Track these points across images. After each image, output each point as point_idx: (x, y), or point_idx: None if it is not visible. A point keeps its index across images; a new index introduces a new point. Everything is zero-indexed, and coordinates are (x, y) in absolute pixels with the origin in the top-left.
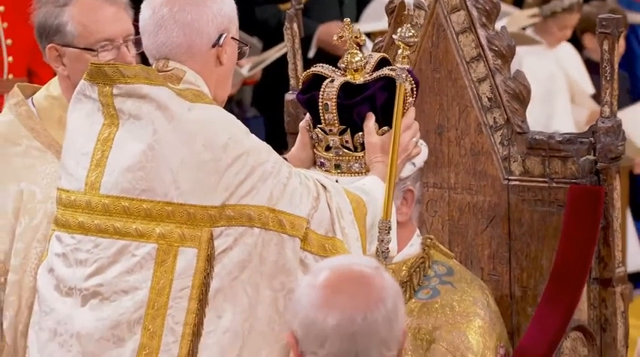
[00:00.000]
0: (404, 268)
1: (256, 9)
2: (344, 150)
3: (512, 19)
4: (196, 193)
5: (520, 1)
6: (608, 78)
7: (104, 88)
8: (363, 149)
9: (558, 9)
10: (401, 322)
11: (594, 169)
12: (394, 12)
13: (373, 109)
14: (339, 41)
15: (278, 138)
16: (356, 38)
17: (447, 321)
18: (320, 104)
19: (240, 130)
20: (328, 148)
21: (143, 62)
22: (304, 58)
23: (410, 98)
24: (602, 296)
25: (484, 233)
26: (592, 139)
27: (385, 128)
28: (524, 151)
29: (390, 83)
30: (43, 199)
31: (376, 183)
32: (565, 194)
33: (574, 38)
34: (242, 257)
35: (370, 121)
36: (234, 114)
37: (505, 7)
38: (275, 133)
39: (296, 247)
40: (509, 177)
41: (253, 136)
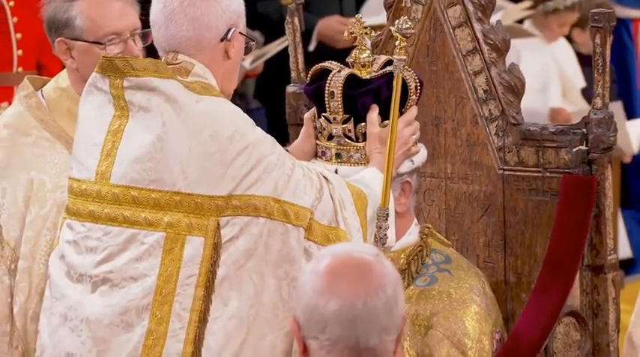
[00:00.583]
0: (402, 256)
1: (258, 4)
2: (346, 139)
3: (506, 12)
4: (203, 184)
5: None
6: (600, 71)
7: (115, 81)
8: (365, 140)
9: (561, 7)
10: (400, 309)
11: (586, 160)
12: (393, 6)
13: (377, 102)
14: (349, 37)
15: (279, 129)
16: (366, 34)
17: (445, 307)
18: (326, 92)
19: (245, 123)
20: (330, 137)
21: (149, 55)
22: (305, 52)
23: (413, 96)
24: (594, 283)
25: (480, 222)
26: (584, 131)
27: (387, 122)
28: (518, 142)
29: None
30: (53, 188)
31: (375, 176)
32: (558, 184)
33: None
34: (248, 246)
35: (373, 113)
36: (237, 106)
37: (500, 2)
38: (276, 125)
39: (300, 237)
40: (504, 167)
41: (258, 129)
